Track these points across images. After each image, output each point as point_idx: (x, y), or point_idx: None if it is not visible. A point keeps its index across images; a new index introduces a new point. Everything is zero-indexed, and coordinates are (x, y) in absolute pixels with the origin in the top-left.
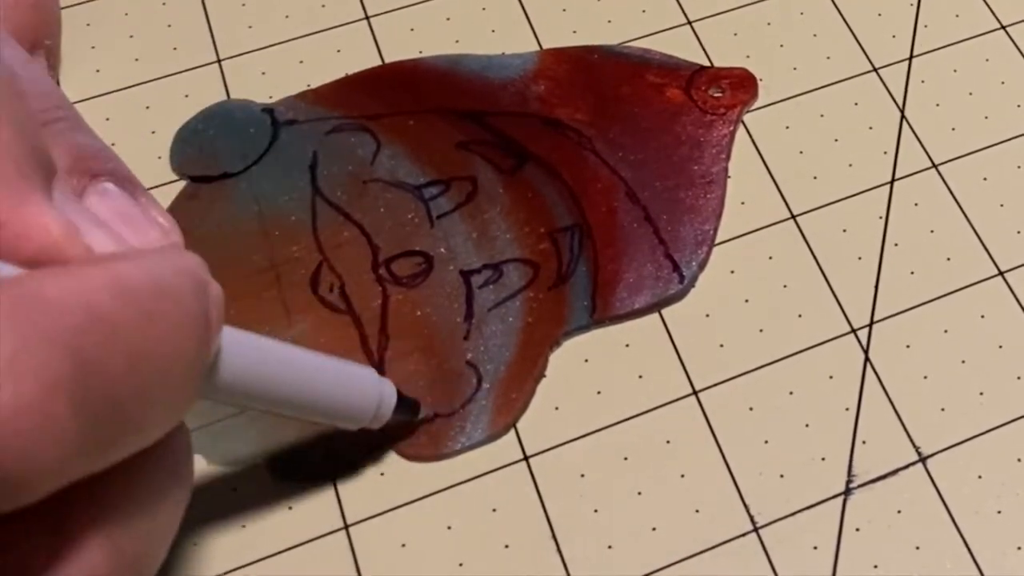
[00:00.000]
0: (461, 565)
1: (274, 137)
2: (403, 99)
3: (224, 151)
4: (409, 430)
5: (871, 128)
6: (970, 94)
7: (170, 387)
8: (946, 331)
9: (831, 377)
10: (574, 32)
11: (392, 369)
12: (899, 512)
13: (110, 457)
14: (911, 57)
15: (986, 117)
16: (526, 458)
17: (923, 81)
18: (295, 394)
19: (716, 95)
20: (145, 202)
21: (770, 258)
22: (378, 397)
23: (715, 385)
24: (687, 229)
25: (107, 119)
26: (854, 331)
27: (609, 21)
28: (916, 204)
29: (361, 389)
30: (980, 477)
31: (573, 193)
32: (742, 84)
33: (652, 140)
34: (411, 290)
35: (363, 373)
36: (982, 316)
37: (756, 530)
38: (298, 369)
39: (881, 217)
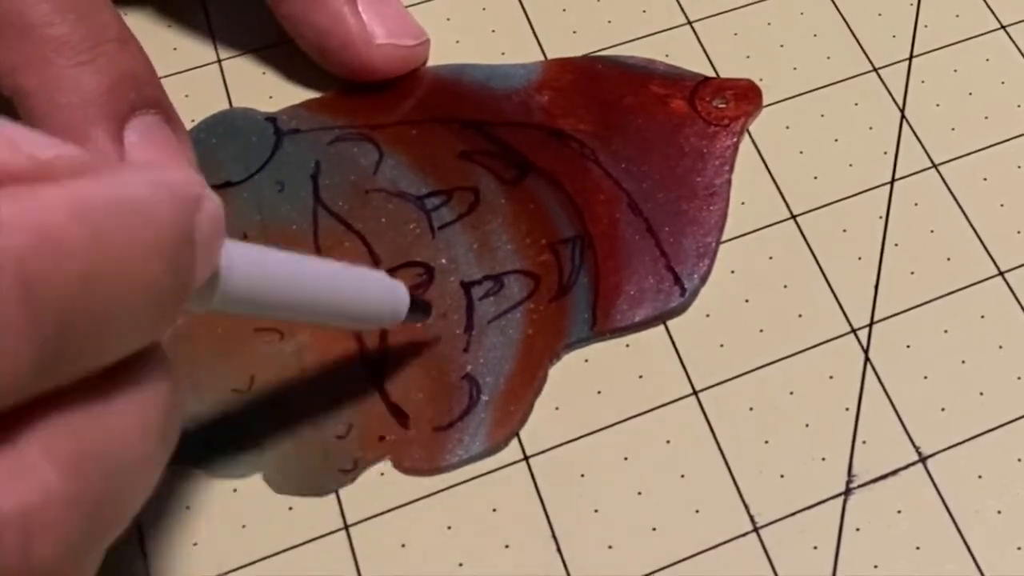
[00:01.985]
0: (461, 565)
1: (277, 146)
2: (406, 108)
3: (226, 160)
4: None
5: (871, 128)
6: (970, 94)
7: (135, 305)
8: (946, 331)
9: (831, 377)
10: (574, 32)
11: (391, 381)
12: (899, 512)
13: (67, 373)
14: (911, 57)
15: (986, 117)
16: (526, 458)
17: (923, 81)
18: (310, 303)
19: (720, 106)
20: (184, 139)
21: (770, 258)
22: (393, 299)
23: (715, 385)
24: (689, 241)
25: None
26: (854, 331)
27: (609, 21)
28: (916, 204)
29: (375, 293)
30: (980, 477)
31: (575, 204)
32: (746, 95)
33: (655, 151)
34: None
35: (376, 276)
36: (982, 316)
37: (756, 530)
38: (310, 279)
39: (881, 217)
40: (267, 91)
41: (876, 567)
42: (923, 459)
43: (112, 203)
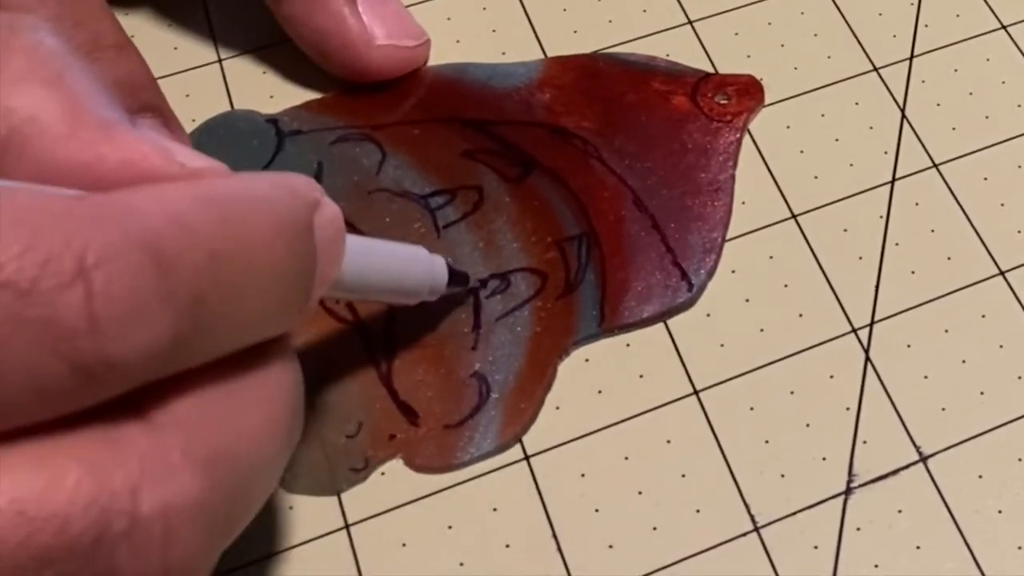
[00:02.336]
0: (461, 565)
1: (279, 148)
2: (408, 108)
3: (228, 162)
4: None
5: (872, 128)
6: (970, 94)
7: (260, 286)
8: (947, 331)
9: (832, 377)
10: (575, 32)
11: (399, 380)
12: (900, 512)
13: (203, 349)
14: (912, 57)
15: (986, 117)
16: (527, 458)
17: (924, 81)
18: (385, 285)
19: (722, 102)
20: (184, 144)
21: (771, 258)
22: (432, 271)
23: (716, 385)
24: (695, 237)
25: None
26: (855, 331)
27: (610, 21)
28: (917, 204)
29: (417, 267)
30: (980, 477)
31: (580, 202)
32: (748, 91)
33: (659, 148)
34: None
35: (414, 250)
36: (983, 316)
37: (757, 530)
38: (387, 262)
39: (882, 217)
40: (268, 91)
41: (877, 567)
42: (924, 459)
43: (234, 193)
